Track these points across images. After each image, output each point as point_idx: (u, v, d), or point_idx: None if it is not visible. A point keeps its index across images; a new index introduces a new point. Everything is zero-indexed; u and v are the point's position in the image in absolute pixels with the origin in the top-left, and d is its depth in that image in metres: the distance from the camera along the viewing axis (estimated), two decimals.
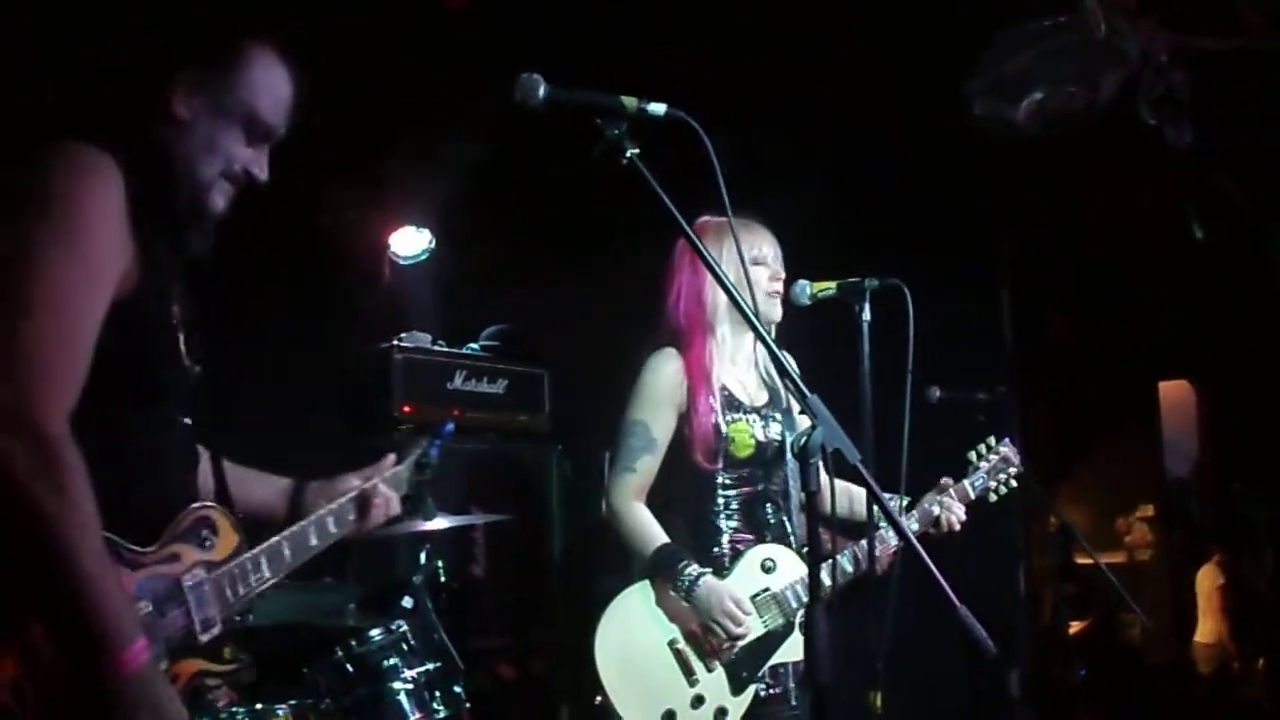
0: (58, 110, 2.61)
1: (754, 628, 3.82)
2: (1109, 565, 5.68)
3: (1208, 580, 7.96)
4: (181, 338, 2.56)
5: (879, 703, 3.70)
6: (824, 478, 2.50)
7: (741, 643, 3.80)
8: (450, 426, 3.33)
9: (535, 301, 6.75)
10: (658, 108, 2.54)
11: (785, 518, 4.00)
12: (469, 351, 6.53)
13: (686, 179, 2.53)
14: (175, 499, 2.56)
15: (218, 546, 2.59)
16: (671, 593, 3.81)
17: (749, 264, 3.61)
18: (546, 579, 6.64)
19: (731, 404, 3.97)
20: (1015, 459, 4.26)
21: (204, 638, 2.51)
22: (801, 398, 2.46)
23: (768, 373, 4.11)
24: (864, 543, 3.77)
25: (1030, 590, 6.84)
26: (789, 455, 3.94)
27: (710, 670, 3.80)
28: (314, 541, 2.85)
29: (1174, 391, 9.65)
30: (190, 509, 2.56)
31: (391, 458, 3.15)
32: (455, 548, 5.82)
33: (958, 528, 4.07)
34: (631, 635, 3.82)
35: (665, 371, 3.96)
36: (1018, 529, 6.53)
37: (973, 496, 4.15)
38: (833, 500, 3.07)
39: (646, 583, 3.87)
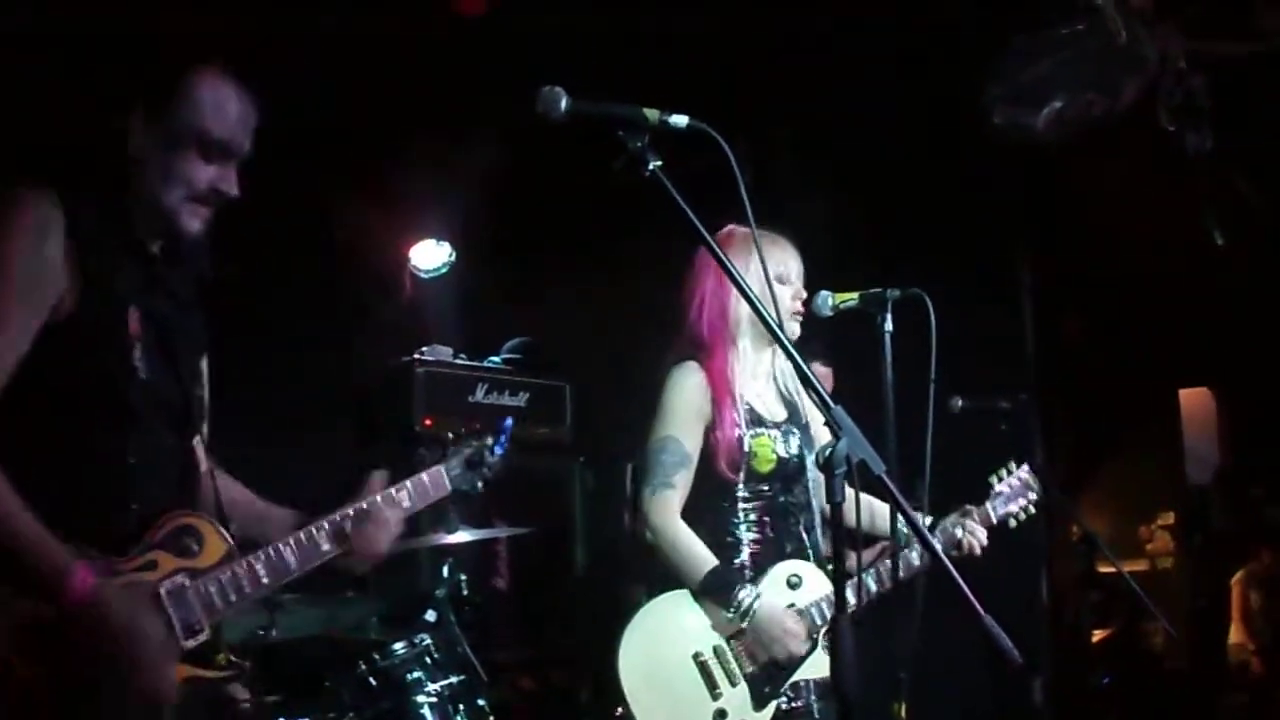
0: (20, 157, 2.89)
1: None
2: (1131, 573, 5.65)
3: (1239, 584, 7.97)
4: (136, 354, 2.65)
5: (903, 713, 3.68)
6: (848, 489, 2.48)
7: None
8: (510, 422, 3.28)
9: (556, 314, 6.75)
10: (680, 120, 2.51)
11: (804, 532, 3.99)
12: (490, 364, 6.53)
13: (702, 187, 2.52)
14: (156, 512, 2.65)
15: (202, 554, 2.66)
16: (725, 614, 3.80)
17: (773, 280, 3.59)
18: (569, 591, 6.63)
19: (754, 418, 3.95)
20: (1035, 484, 4.24)
21: (189, 643, 2.58)
22: (826, 409, 2.43)
23: (786, 388, 4.10)
24: (888, 562, 3.76)
25: (1053, 598, 6.81)
26: (812, 468, 3.94)
27: (734, 685, 3.78)
28: (327, 547, 2.86)
29: (1194, 399, 9.60)
30: (167, 516, 2.64)
31: (379, 477, 3.06)
32: (477, 561, 5.81)
33: (979, 551, 4.06)
34: (655, 648, 3.80)
35: (690, 385, 3.94)
36: (1041, 538, 6.51)
37: (994, 520, 4.15)
38: (857, 513, 3.05)
39: (670, 595, 3.85)
